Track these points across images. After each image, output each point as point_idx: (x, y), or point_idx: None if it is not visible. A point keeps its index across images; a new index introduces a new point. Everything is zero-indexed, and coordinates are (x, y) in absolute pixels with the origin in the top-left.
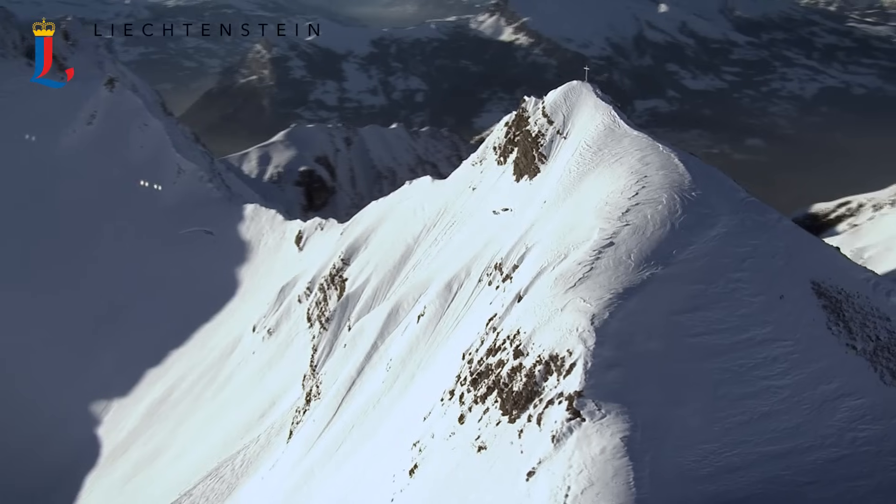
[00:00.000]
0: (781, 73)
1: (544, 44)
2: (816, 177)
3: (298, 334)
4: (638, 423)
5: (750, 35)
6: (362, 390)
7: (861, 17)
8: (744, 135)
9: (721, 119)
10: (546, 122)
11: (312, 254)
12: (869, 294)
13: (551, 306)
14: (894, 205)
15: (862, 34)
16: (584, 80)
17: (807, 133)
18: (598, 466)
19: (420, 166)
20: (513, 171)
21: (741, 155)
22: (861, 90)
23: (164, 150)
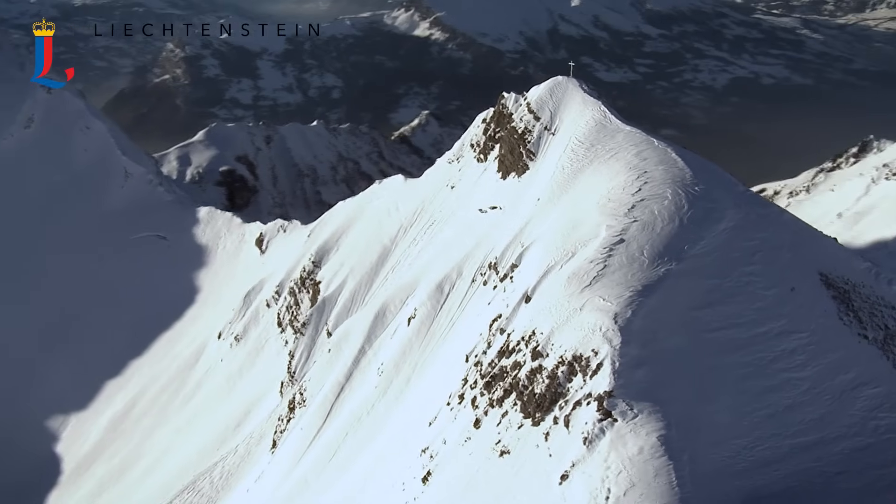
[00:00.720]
0: (693, 65)
1: (459, 38)
2: (730, 166)
3: (269, 340)
4: (671, 421)
5: (661, 28)
6: (353, 396)
7: (767, 9)
8: (658, 126)
9: (635, 111)
10: (532, 119)
11: (277, 257)
12: (872, 283)
13: (568, 306)
14: (809, 191)
15: (769, 26)
16: (569, 76)
17: (719, 123)
18: (637, 467)
19: (342, 163)
20: (497, 169)
21: None
22: (770, 80)
23: (110, 153)
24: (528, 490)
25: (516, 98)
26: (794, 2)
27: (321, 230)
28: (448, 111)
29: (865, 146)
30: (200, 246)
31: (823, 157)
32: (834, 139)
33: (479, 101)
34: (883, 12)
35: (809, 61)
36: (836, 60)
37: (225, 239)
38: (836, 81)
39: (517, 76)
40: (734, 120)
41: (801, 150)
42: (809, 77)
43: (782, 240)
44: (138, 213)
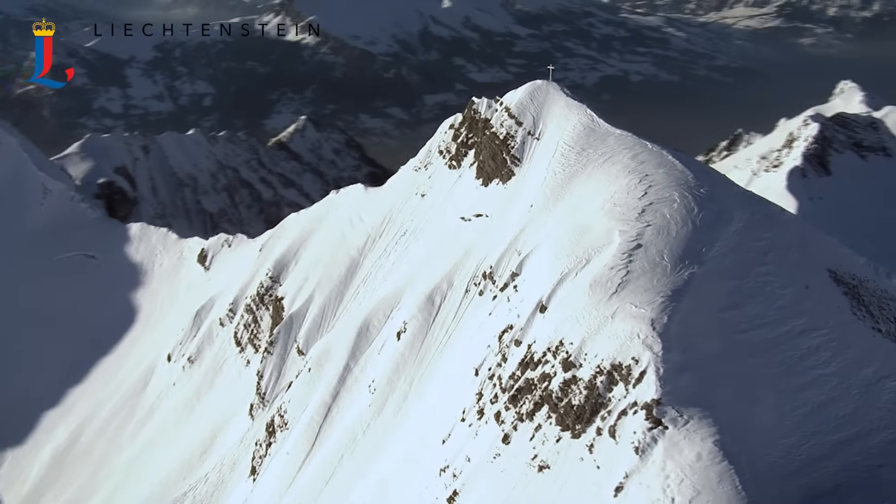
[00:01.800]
0: (563, 64)
1: (331, 42)
2: None
3: (227, 360)
4: (722, 425)
5: (531, 28)
6: (343, 416)
7: (632, 9)
8: None
9: None
10: (514, 124)
11: (225, 273)
12: (874, 278)
13: (597, 314)
14: None
15: (635, 24)
16: (548, 80)
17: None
18: (699, 474)
19: (222, 172)
20: (476, 175)
21: None
22: (638, 77)
23: (24, 168)
24: (578, 503)
25: (489, 103)
26: (658, 1)
27: (275, 244)
28: (323, 115)
29: (736, 139)
30: (134, 265)
31: (695, 151)
32: (702, 133)
33: (353, 105)
34: (741, 10)
35: (675, 58)
36: (699, 57)
37: (161, 256)
38: (701, 77)
39: (390, 79)
40: (606, 117)
41: (672, 144)
42: (676, 74)
43: (789, 238)
44: (62, 232)
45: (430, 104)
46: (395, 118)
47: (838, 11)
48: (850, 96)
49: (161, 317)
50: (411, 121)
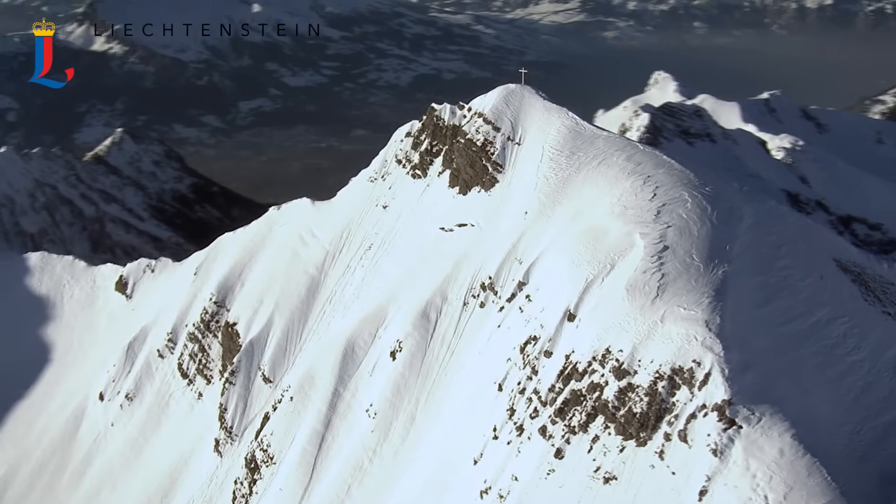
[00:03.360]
0: (377, 65)
1: (140, 51)
2: None
3: (173, 394)
4: (793, 419)
5: (343, 30)
6: (340, 444)
7: (441, 8)
8: (349, 127)
9: (325, 113)
10: (491, 129)
11: (153, 300)
12: (870, 264)
13: (643, 319)
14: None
15: (445, 23)
16: (521, 83)
17: (407, 119)
18: (786, 469)
19: (39, 190)
20: (450, 183)
21: (349, 146)
22: (451, 75)
23: None
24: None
25: (453, 109)
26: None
27: (212, 266)
28: (136, 127)
29: None
30: (39, 297)
31: None
32: None
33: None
34: (546, 6)
35: (486, 55)
36: (510, 53)
37: (70, 286)
38: (512, 73)
39: (203, 86)
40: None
41: None
42: (488, 70)
43: (794, 231)
44: None
45: (245, 111)
46: (211, 126)
47: (638, 5)
48: (664, 86)
49: (81, 352)
50: (227, 128)
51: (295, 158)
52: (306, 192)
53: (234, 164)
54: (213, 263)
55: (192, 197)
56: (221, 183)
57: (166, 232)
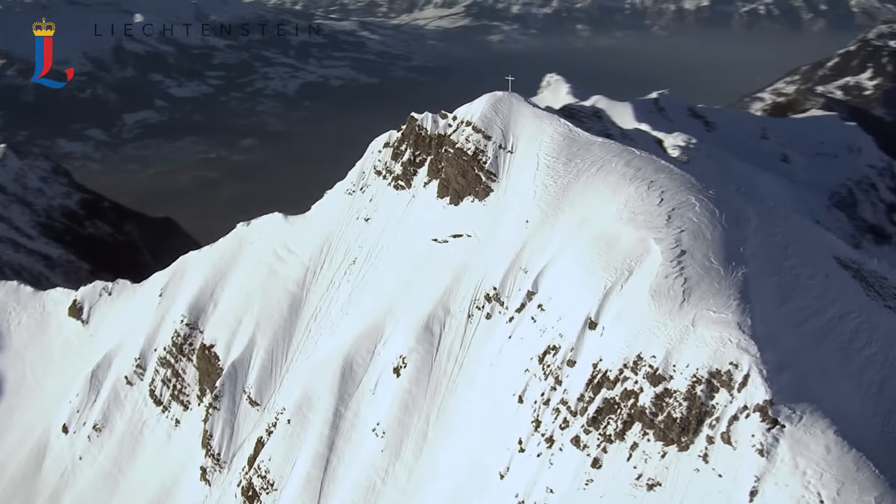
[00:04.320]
0: (263, 73)
1: (18, 64)
2: (316, 167)
3: (147, 422)
4: (832, 416)
5: (228, 39)
6: (347, 466)
7: (326, 14)
8: (237, 136)
9: (213, 123)
10: (481, 138)
11: (113, 325)
12: (864, 259)
13: (673, 324)
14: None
15: (330, 30)
16: (508, 91)
17: (296, 127)
18: (835, 466)
19: None
20: (441, 194)
21: (239, 156)
22: (339, 82)
23: None
24: None
25: (434, 118)
26: (351, 5)
27: (178, 286)
28: (17, 142)
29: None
30: None
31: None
32: None
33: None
34: (431, 11)
35: (373, 61)
36: (396, 59)
37: (17, 313)
38: (400, 78)
39: (86, 99)
40: (310, 123)
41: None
42: (375, 76)
43: (796, 231)
44: None
45: (130, 123)
46: (96, 140)
47: (521, 9)
48: (557, 88)
49: (36, 383)
50: (113, 142)
51: (184, 170)
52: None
53: (122, 177)
54: (180, 284)
55: (82, 213)
56: (111, 197)
57: (57, 250)
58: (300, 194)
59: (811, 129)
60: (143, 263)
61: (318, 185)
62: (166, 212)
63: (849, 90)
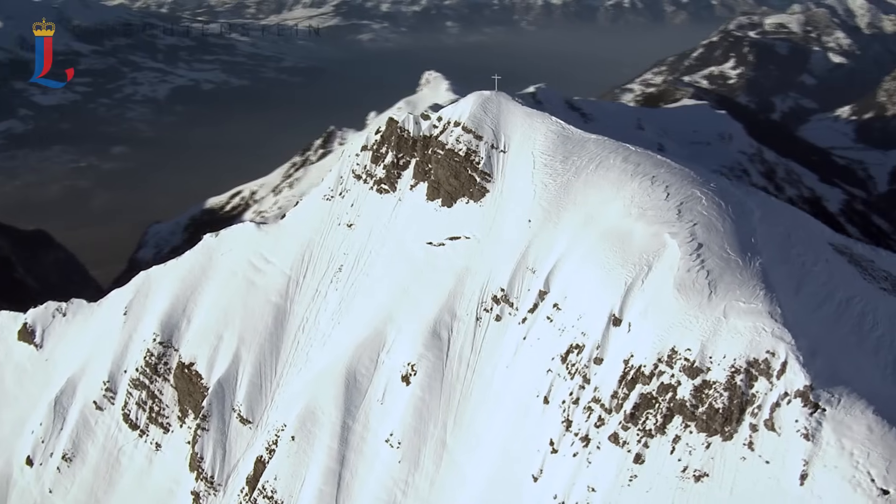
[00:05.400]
0: (132, 78)
1: None
2: (190, 174)
3: (123, 449)
4: (867, 396)
5: (93, 44)
6: (361, 480)
7: (193, 17)
8: (107, 144)
9: (81, 131)
10: (472, 138)
11: (72, 348)
12: (852, 244)
13: (704, 317)
14: (293, 186)
15: (199, 33)
16: (495, 90)
17: (168, 133)
18: (880, 444)
19: None
20: (431, 196)
21: (110, 164)
22: (209, 85)
23: None
24: (759, 501)
25: (416, 119)
26: (218, 7)
27: (144, 304)
28: None
29: (330, 137)
30: None
31: (284, 151)
32: (282, 134)
33: None
34: (300, 12)
35: (243, 63)
36: (267, 60)
37: None
38: (271, 80)
39: None
40: (182, 127)
41: (258, 147)
42: (245, 78)
43: (793, 220)
44: None
45: None
46: None
47: (391, 7)
48: (436, 85)
49: None
50: None
51: (53, 180)
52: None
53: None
54: (147, 301)
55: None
56: None
57: None
58: (176, 202)
59: (684, 119)
60: (18, 280)
61: (193, 191)
62: (38, 224)
63: (714, 79)
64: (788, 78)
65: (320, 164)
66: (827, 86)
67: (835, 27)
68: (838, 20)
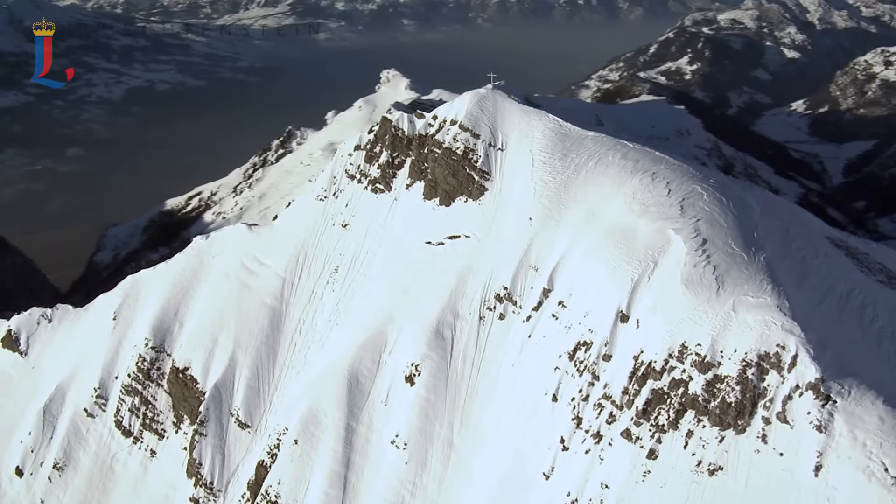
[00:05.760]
0: (86, 80)
1: None
2: (148, 175)
3: (117, 456)
4: (877, 388)
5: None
6: (368, 483)
7: (147, 17)
8: (62, 146)
9: (35, 134)
10: (470, 136)
11: (59, 355)
12: (846, 237)
13: (713, 312)
14: (253, 187)
15: (153, 33)
16: (488, 87)
17: (124, 134)
18: (892, 434)
19: None
20: (428, 196)
21: (66, 167)
22: (165, 86)
23: None
24: (774, 494)
25: (410, 118)
26: (172, 7)
27: (134, 308)
28: None
29: (289, 137)
30: None
31: (242, 151)
32: (240, 134)
33: None
34: (256, 11)
35: (199, 63)
36: (223, 60)
37: None
38: (228, 80)
39: None
40: (138, 129)
41: (217, 149)
42: (202, 79)
43: (791, 215)
44: None
45: None
46: None
47: (347, 5)
48: (396, 83)
49: None
50: None
51: (7, 184)
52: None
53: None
54: (136, 305)
55: None
56: None
57: None
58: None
59: (642, 114)
60: None
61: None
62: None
63: (670, 75)
64: (743, 73)
65: (280, 165)
66: (781, 81)
67: (787, 22)
68: (791, 16)
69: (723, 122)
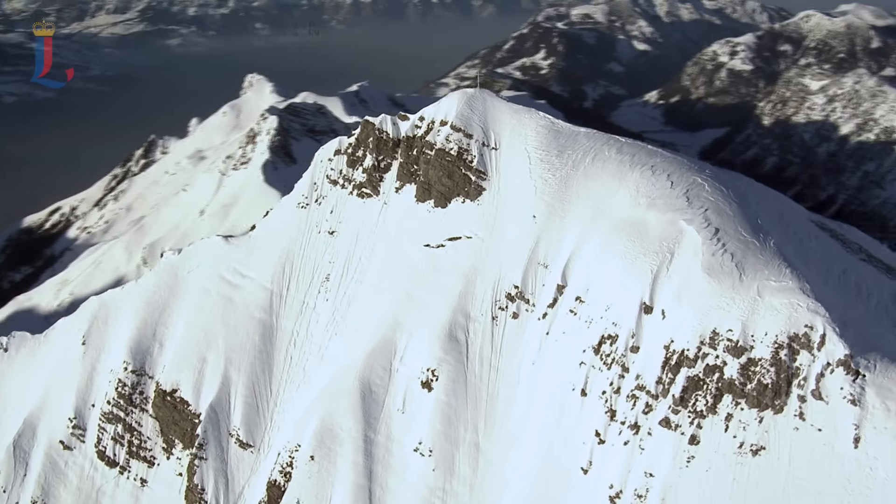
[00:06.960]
0: None
1: None
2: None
3: (102, 489)
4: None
5: None
6: (394, 494)
7: None
8: None
9: None
10: (463, 137)
11: (22, 385)
12: (824, 220)
13: (739, 298)
14: (118, 199)
15: None
16: (476, 87)
17: None
18: None
19: None
20: (421, 198)
21: None
22: (12, 98)
23: None
24: (818, 468)
25: (394, 120)
26: (14, 16)
27: (105, 331)
28: None
29: (151, 146)
30: None
31: (104, 163)
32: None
33: None
34: (104, 18)
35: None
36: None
37: None
38: (79, 90)
39: None
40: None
41: (73, 162)
42: (52, 89)
43: (780, 202)
44: None
45: None
46: None
47: (198, 11)
48: (260, 88)
49: None
50: None
51: None
52: None
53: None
54: (106, 328)
55: None
56: None
57: None
58: None
59: None
60: None
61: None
62: None
63: (526, 70)
64: (597, 66)
65: (145, 175)
66: (634, 73)
67: (637, 16)
68: (639, 9)
69: (582, 115)
